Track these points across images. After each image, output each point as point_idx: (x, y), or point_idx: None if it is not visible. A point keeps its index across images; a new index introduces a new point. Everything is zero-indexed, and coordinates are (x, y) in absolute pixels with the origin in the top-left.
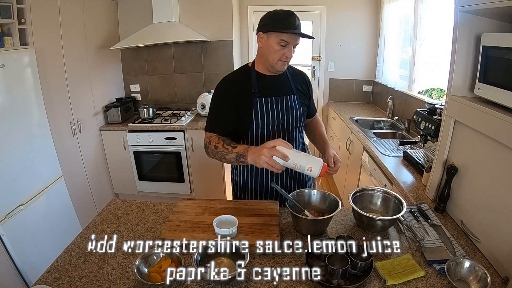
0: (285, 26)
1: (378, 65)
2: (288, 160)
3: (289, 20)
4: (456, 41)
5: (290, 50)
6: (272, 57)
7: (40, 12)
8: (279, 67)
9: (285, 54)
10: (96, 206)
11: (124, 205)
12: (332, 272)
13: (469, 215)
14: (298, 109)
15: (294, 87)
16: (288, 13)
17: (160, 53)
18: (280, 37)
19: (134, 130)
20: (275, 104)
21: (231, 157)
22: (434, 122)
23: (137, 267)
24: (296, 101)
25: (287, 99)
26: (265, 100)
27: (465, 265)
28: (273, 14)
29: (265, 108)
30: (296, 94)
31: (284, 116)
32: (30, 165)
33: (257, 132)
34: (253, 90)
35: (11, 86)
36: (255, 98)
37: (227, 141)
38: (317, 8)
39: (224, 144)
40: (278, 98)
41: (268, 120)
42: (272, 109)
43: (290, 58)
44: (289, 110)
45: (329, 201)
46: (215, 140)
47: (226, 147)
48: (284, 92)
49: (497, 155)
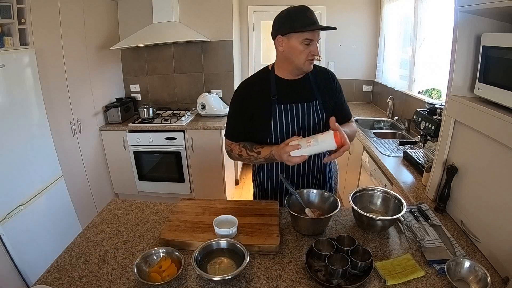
0: (305, 24)
1: (378, 65)
2: (301, 148)
3: (306, 16)
4: (456, 41)
5: (315, 46)
6: (298, 58)
7: (40, 12)
8: (307, 67)
9: (311, 52)
10: (96, 206)
11: (124, 205)
12: (332, 272)
13: (469, 215)
14: (321, 116)
15: (316, 91)
16: (303, 9)
17: (160, 53)
18: (302, 37)
19: (134, 130)
20: (295, 111)
21: (259, 161)
22: (434, 122)
23: (137, 267)
24: (318, 107)
25: (309, 106)
26: (285, 107)
27: (465, 265)
28: (287, 13)
29: (284, 115)
30: (318, 99)
31: (305, 123)
32: (30, 165)
33: (276, 139)
34: (272, 96)
35: (11, 86)
36: (273, 105)
37: (249, 146)
38: (317, 8)
39: (247, 151)
40: (299, 105)
41: (288, 128)
42: (292, 116)
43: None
44: (310, 117)
45: (329, 201)
46: (237, 148)
47: (251, 154)
48: (306, 97)
49: (497, 155)
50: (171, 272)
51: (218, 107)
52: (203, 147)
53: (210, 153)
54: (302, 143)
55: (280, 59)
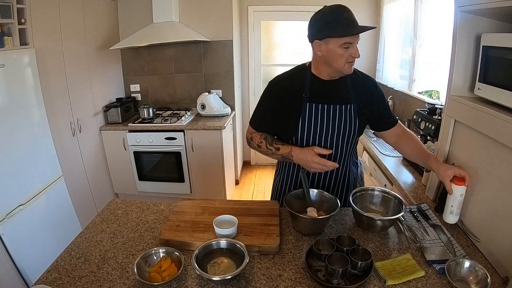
0: (343, 27)
1: (378, 65)
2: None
3: (344, 17)
4: (456, 41)
5: (355, 48)
6: (337, 62)
7: (40, 12)
8: (348, 69)
9: (351, 54)
10: (96, 206)
11: (124, 205)
12: (332, 272)
13: (469, 215)
14: (354, 121)
15: (353, 95)
16: (339, 10)
17: (160, 53)
18: (341, 41)
19: (134, 130)
20: (327, 113)
21: (276, 157)
22: (434, 122)
23: (137, 267)
24: (352, 112)
25: (341, 109)
26: (316, 106)
27: (465, 265)
28: (322, 15)
29: (314, 115)
30: (354, 103)
31: (335, 126)
32: (30, 165)
33: (302, 139)
34: (304, 94)
35: (11, 86)
36: (304, 103)
37: (270, 139)
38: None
39: (267, 144)
40: (331, 106)
41: (316, 129)
42: (323, 117)
43: (357, 57)
44: (341, 120)
45: (328, 201)
46: (258, 138)
47: (270, 148)
48: (340, 100)
49: (497, 155)
50: (171, 272)
51: (218, 107)
52: (203, 147)
53: (210, 153)
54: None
55: (318, 61)
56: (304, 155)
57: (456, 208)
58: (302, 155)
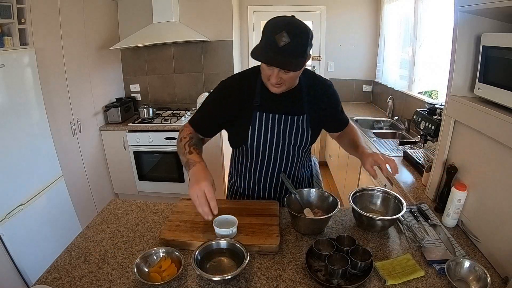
0: (266, 45)
1: (378, 65)
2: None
3: (274, 37)
4: (456, 41)
5: (275, 74)
6: (262, 74)
7: (40, 12)
8: (270, 87)
9: (269, 77)
10: (96, 206)
11: (124, 205)
12: (332, 272)
13: (469, 215)
14: (306, 132)
15: (307, 106)
16: (277, 27)
17: (160, 53)
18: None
19: (134, 130)
20: (277, 123)
21: (182, 159)
22: (434, 122)
23: (137, 267)
24: (305, 123)
25: (293, 120)
26: (266, 116)
27: (465, 265)
28: (267, 23)
29: (264, 125)
30: (307, 114)
31: (286, 137)
32: (30, 165)
33: (252, 148)
34: (254, 102)
35: (11, 86)
36: (254, 111)
37: (195, 141)
38: (317, 8)
39: (187, 143)
40: (283, 116)
41: (266, 139)
42: (273, 127)
43: (277, 84)
44: (293, 131)
45: (328, 201)
46: (187, 132)
47: (185, 147)
48: (292, 111)
49: (497, 155)
50: (171, 272)
51: None
52: (203, 147)
53: (210, 153)
54: None
55: None
56: (197, 180)
57: (454, 212)
58: (198, 176)
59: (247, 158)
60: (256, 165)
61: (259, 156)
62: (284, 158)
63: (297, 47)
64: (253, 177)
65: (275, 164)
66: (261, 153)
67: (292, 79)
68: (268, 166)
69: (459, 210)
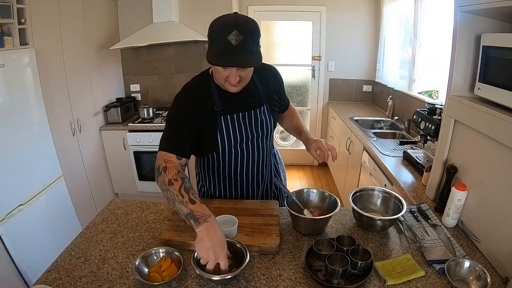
0: (220, 48)
1: (378, 65)
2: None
3: (227, 39)
4: (456, 41)
5: (233, 75)
6: (217, 77)
7: (40, 12)
8: (228, 88)
9: (228, 78)
10: (96, 206)
11: (124, 205)
12: (332, 272)
13: (469, 215)
14: (269, 120)
15: (263, 96)
16: (227, 27)
17: (160, 53)
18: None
19: (134, 130)
20: (243, 121)
21: (181, 208)
22: (434, 122)
23: (137, 267)
24: (266, 112)
25: (256, 113)
26: (231, 117)
27: (465, 265)
28: (212, 26)
29: (231, 127)
30: (266, 103)
31: (253, 131)
32: (30, 165)
33: (224, 153)
34: (215, 107)
35: (11, 86)
36: (219, 117)
37: (188, 183)
38: (317, 8)
39: (182, 189)
40: (246, 113)
41: (236, 139)
42: (240, 126)
43: (237, 83)
44: (258, 124)
45: (328, 201)
46: (173, 171)
47: (183, 194)
48: (252, 105)
49: (497, 155)
50: (171, 272)
51: None
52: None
53: None
54: None
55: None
56: (213, 246)
57: (454, 212)
58: (213, 240)
59: (218, 163)
60: (230, 166)
61: (231, 157)
62: (256, 152)
63: (251, 43)
64: (227, 179)
65: (248, 160)
66: (233, 154)
67: (249, 74)
68: (242, 164)
69: (459, 210)
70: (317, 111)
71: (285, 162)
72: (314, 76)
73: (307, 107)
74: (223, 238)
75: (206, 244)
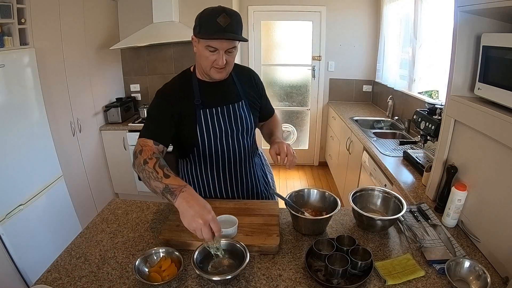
0: (210, 29)
1: (378, 65)
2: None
3: (216, 21)
4: (456, 41)
5: (221, 56)
6: (204, 64)
7: (40, 12)
8: (214, 74)
9: (215, 61)
10: (96, 206)
11: (124, 205)
12: (332, 272)
13: (469, 215)
14: (248, 117)
15: (242, 92)
16: (215, 12)
17: (160, 53)
18: (206, 43)
19: (134, 130)
20: (222, 115)
21: (156, 185)
22: (434, 122)
23: (137, 267)
24: (245, 108)
25: (235, 108)
26: (210, 111)
27: (465, 265)
28: (201, 13)
29: (210, 120)
30: (244, 99)
31: (233, 126)
32: (30, 165)
33: (204, 148)
34: (195, 101)
35: (11, 86)
36: (198, 110)
37: (163, 161)
38: (317, 8)
39: (156, 165)
40: (224, 107)
41: (215, 134)
42: (219, 120)
43: (223, 67)
44: (237, 119)
45: (328, 201)
46: (149, 152)
47: (157, 170)
48: (231, 99)
49: (497, 155)
50: (171, 272)
51: None
52: None
53: None
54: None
55: (196, 60)
56: (197, 212)
57: (454, 212)
58: (195, 206)
59: (200, 162)
60: (211, 164)
61: (211, 153)
62: (236, 148)
63: (237, 24)
64: (211, 178)
65: (229, 157)
66: (213, 149)
67: (233, 59)
68: (223, 161)
69: (459, 210)
70: (317, 111)
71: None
72: (314, 76)
73: (307, 107)
74: (205, 202)
75: (189, 213)
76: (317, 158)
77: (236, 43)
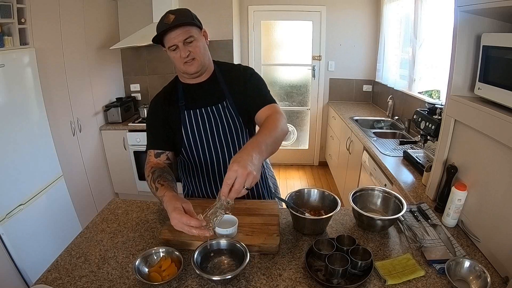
0: (160, 30)
1: (378, 64)
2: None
3: (164, 23)
4: (456, 41)
5: (181, 49)
6: (177, 64)
7: (40, 12)
8: (187, 69)
9: (180, 55)
10: (96, 206)
11: (124, 204)
12: (332, 272)
13: (469, 215)
14: (235, 116)
15: (227, 90)
16: (163, 17)
17: (160, 53)
18: (167, 45)
19: (134, 130)
20: (206, 115)
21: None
22: (434, 122)
23: (137, 267)
24: (230, 107)
25: (219, 108)
26: (194, 113)
27: (465, 264)
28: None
29: (194, 122)
30: (230, 98)
31: (219, 127)
32: (30, 165)
33: (191, 148)
34: (179, 103)
35: (11, 86)
36: (182, 112)
37: (156, 174)
38: (317, 8)
39: (152, 181)
40: (208, 108)
41: (200, 135)
42: (203, 121)
43: (190, 59)
44: (222, 119)
45: (328, 201)
46: (148, 169)
47: (153, 186)
48: (215, 100)
49: (497, 155)
50: (171, 272)
51: None
52: None
53: None
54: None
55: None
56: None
57: (454, 212)
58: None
59: (190, 161)
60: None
61: (199, 154)
62: (225, 148)
63: (183, 16)
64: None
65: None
66: (200, 150)
67: (200, 50)
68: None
69: (459, 210)
70: (317, 111)
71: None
72: (314, 76)
73: (307, 107)
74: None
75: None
76: (317, 158)
77: (192, 32)
